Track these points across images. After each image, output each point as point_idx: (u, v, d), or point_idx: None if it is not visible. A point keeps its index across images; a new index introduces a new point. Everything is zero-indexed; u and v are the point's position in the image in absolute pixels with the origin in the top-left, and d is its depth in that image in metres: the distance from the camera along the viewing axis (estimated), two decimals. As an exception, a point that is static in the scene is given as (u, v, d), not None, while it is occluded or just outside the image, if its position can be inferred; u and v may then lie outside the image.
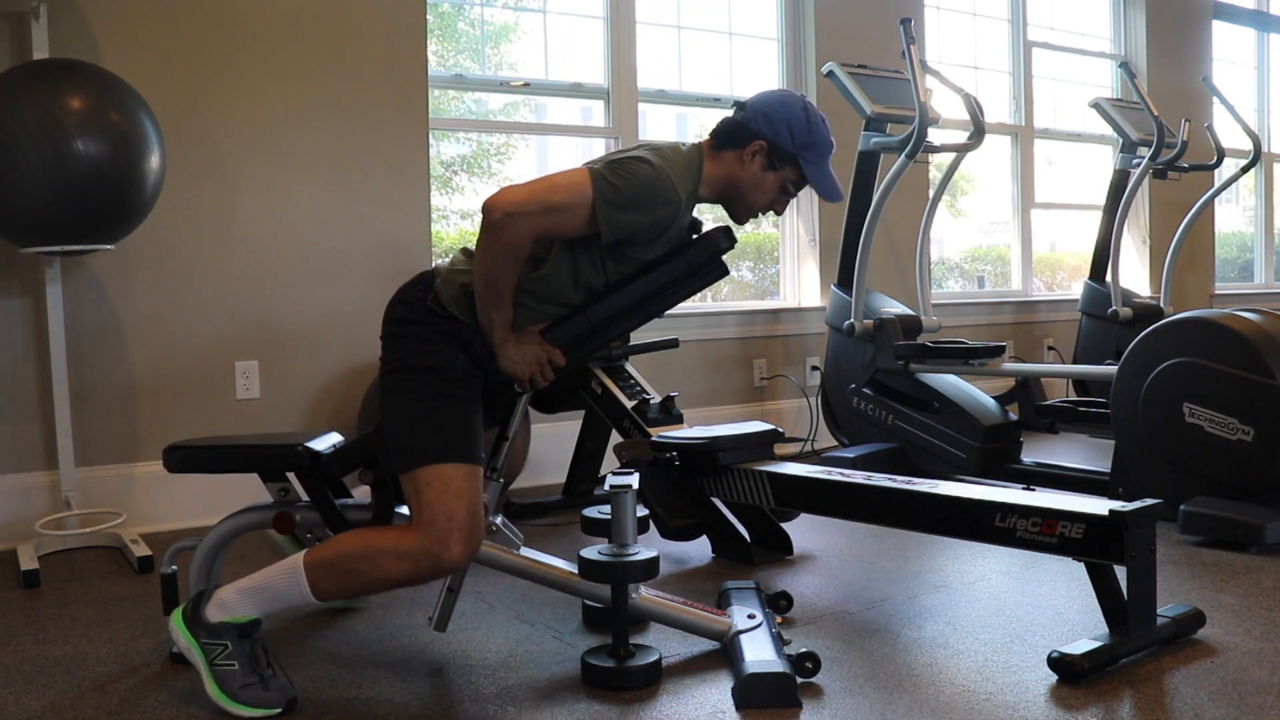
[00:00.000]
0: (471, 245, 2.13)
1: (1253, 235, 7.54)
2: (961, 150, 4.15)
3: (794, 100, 2.18)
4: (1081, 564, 2.21)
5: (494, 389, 2.15)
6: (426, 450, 1.99)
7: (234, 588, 2.03)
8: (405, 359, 2.08)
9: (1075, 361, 5.16)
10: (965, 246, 6.22)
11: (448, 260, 2.21)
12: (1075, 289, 6.04)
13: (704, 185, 2.16)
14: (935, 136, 4.05)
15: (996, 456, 3.84)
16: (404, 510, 2.12)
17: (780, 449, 3.16)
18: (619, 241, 2.04)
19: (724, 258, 2.19)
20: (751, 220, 2.30)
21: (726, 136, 2.17)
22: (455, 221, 4.49)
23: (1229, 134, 5.51)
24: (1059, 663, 2.07)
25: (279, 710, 1.95)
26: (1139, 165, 4.95)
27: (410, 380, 2.05)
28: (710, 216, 4.92)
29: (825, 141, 2.17)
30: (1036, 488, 3.49)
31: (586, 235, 2.03)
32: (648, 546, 2.17)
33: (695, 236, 2.21)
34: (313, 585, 1.99)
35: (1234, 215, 7.84)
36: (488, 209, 1.96)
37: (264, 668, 2.00)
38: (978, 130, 4.01)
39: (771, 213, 2.27)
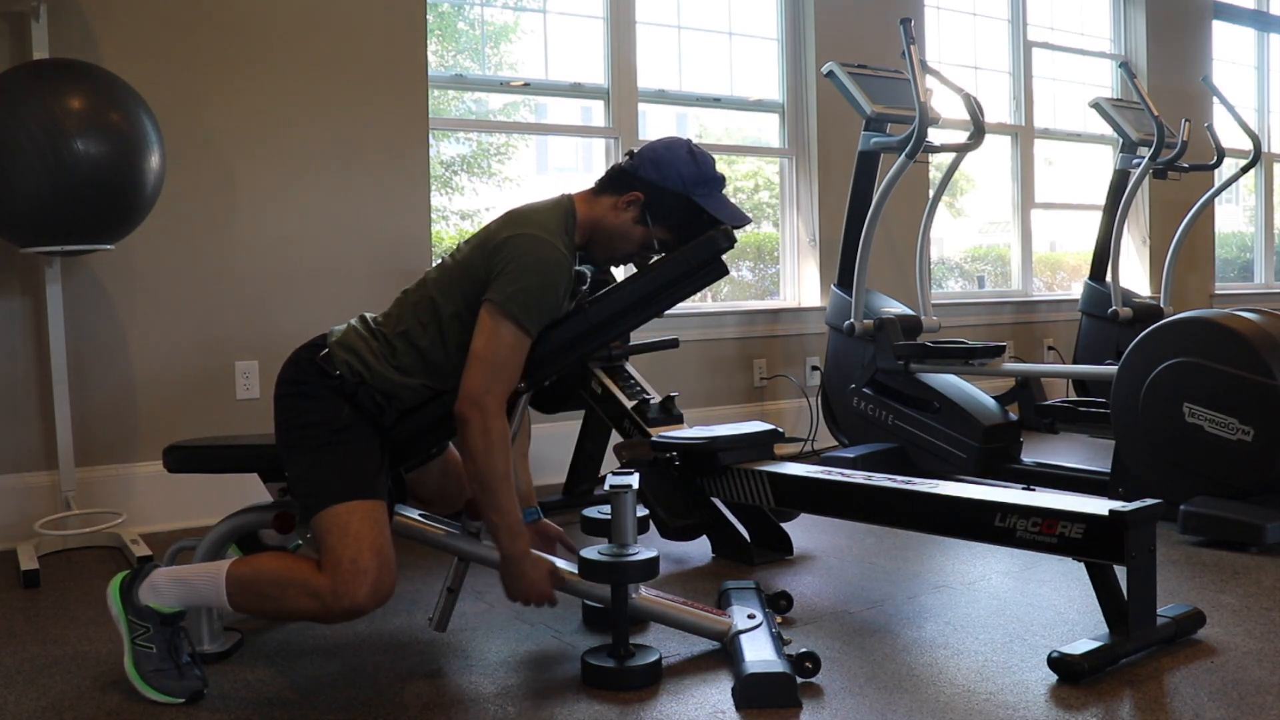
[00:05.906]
0: (371, 312, 2.21)
1: (1253, 235, 7.54)
2: (961, 150, 4.14)
3: (679, 143, 2.21)
4: (1081, 564, 2.21)
5: (409, 438, 2.16)
6: (320, 495, 2.01)
7: (168, 574, 2.07)
8: (294, 418, 2.10)
9: (1075, 361, 5.16)
10: (965, 246, 6.22)
11: (353, 320, 2.22)
12: (1075, 289, 6.04)
13: (578, 231, 2.19)
14: (935, 136, 4.05)
15: (996, 456, 3.84)
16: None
17: (780, 449, 3.16)
18: None
19: (724, 258, 2.20)
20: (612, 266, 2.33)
21: (609, 182, 2.22)
22: (455, 221, 4.48)
23: (1229, 134, 5.51)
24: (1059, 663, 2.07)
25: (181, 700, 2.01)
26: (1139, 165, 4.95)
27: (300, 437, 2.08)
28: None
29: (714, 176, 2.20)
30: (1036, 488, 3.49)
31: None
32: (648, 546, 2.17)
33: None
34: (229, 596, 2.02)
35: (1234, 215, 7.84)
36: (472, 417, 2.01)
37: (181, 657, 2.05)
38: (978, 130, 4.01)
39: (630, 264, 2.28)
